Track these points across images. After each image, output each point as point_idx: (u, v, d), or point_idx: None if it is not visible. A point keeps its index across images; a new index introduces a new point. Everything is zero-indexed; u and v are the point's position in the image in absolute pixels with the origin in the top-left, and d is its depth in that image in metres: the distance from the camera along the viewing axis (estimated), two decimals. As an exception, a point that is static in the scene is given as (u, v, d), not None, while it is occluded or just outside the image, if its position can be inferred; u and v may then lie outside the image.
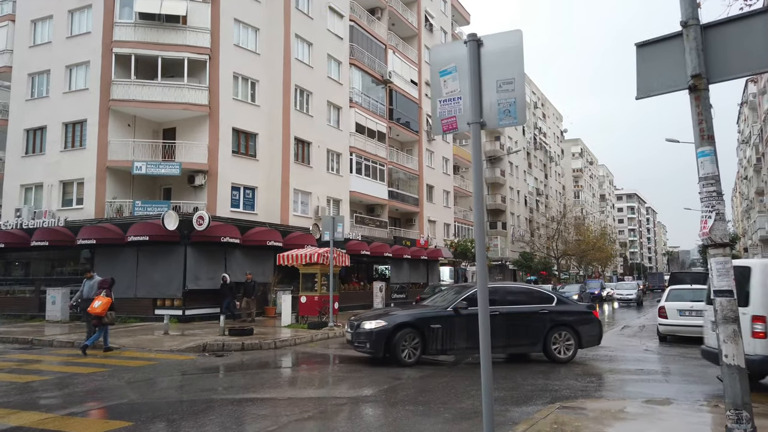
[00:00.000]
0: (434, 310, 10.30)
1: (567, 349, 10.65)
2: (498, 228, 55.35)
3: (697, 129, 4.30)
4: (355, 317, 10.71)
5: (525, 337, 10.51)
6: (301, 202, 27.50)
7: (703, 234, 4.16)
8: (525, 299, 10.86)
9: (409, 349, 9.82)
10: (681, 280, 23.35)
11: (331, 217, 15.30)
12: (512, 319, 10.35)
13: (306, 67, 28.23)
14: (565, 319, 10.75)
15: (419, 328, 9.85)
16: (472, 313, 9.56)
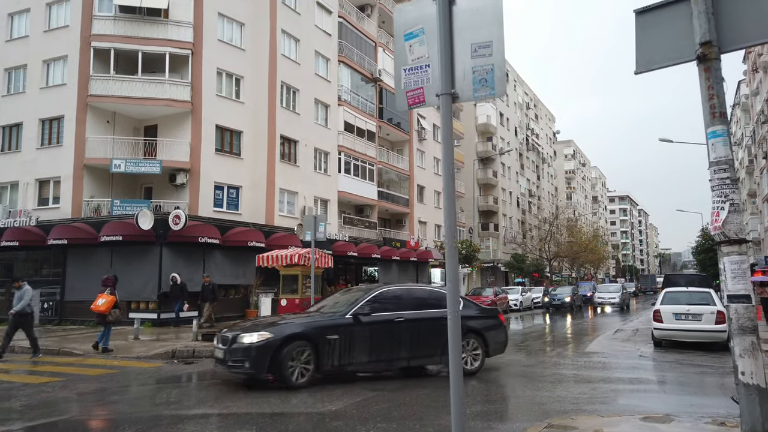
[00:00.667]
0: (332, 317, 8.63)
1: (474, 359, 9.44)
2: (490, 229, 54.78)
3: (707, 105, 3.66)
4: (229, 328, 8.73)
5: (432, 347, 9.01)
6: (288, 202, 26.79)
7: (715, 228, 3.52)
8: (431, 303, 9.42)
9: (299, 368, 7.99)
10: (675, 282, 22.92)
11: (313, 216, 14.62)
12: (419, 326, 9.02)
13: (293, 64, 27.54)
14: (472, 325, 9.46)
15: (313, 340, 8.09)
16: (377, 320, 8.64)
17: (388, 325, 8.72)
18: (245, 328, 8.33)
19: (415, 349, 8.96)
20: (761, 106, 47.76)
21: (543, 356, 12.22)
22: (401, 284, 10.76)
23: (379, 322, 8.64)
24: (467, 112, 53.57)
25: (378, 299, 8.94)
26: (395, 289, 9.62)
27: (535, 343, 15.34)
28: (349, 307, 8.72)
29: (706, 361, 11.25)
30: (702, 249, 45.97)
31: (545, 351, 13.36)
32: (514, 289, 35.60)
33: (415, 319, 8.99)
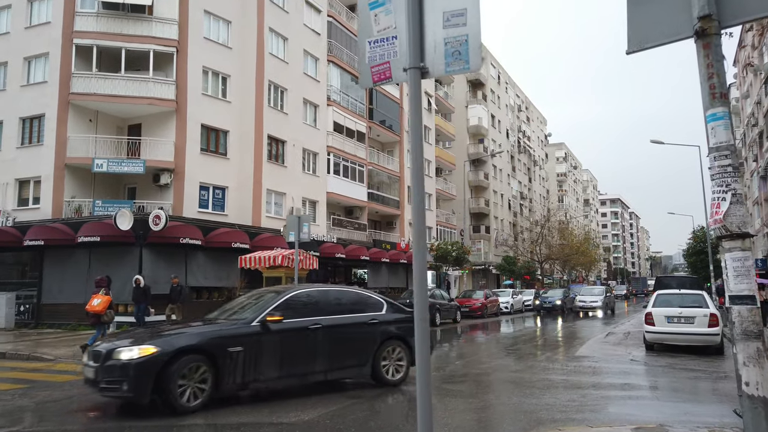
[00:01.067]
0: (235, 325, 7.31)
1: (397, 369, 8.50)
2: (481, 232, 54.51)
3: (706, 86, 3.31)
4: (105, 340, 7.47)
5: (353, 357, 8.12)
6: (275, 203, 26.34)
7: (715, 222, 3.16)
8: (352, 307, 8.46)
9: (192, 388, 6.54)
10: (667, 284, 22.68)
11: (296, 216, 14.21)
12: (338, 334, 7.95)
13: (281, 63, 27.12)
14: (395, 330, 8.53)
15: (211, 354, 6.73)
16: (289, 327, 7.50)
17: (302, 334, 7.63)
18: (124, 340, 6.85)
19: (334, 360, 7.92)
20: (751, 108, 47.84)
21: (532, 360, 11.86)
22: (318, 285, 9.44)
23: (292, 331, 7.55)
24: (459, 113, 53.33)
25: (291, 303, 7.79)
26: (311, 291, 8.49)
27: (525, 347, 14.99)
28: (256, 312, 7.48)
29: (699, 365, 10.93)
30: (693, 251, 45.89)
31: (535, 355, 13.01)
32: (505, 292, 35.29)
33: (334, 326, 7.95)
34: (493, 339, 17.42)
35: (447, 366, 11.12)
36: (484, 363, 11.31)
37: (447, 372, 10.25)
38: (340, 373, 8.15)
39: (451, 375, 9.92)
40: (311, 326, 7.72)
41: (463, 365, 11.15)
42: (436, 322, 21.76)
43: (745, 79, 51.06)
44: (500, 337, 18.05)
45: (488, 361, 11.59)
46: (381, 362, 8.30)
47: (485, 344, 15.70)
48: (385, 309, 8.69)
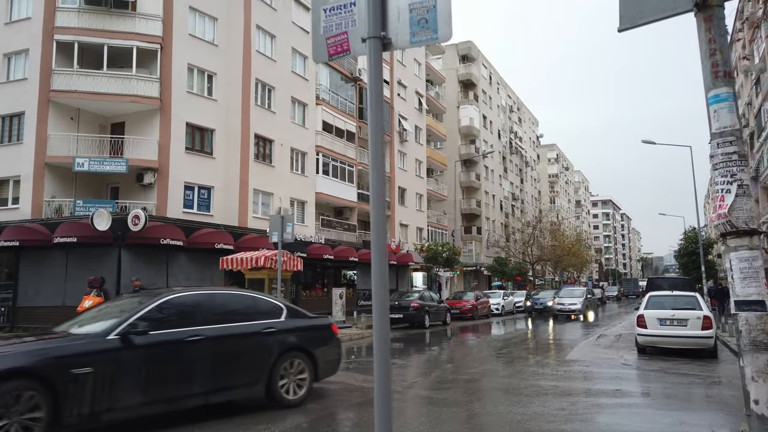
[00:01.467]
0: (85, 339, 5.88)
1: (299, 385, 7.32)
2: (473, 233, 54.23)
3: (707, 63, 2.94)
4: None
5: (242, 374, 6.83)
6: (262, 203, 25.87)
7: (719, 216, 2.79)
8: (243, 314, 7.17)
9: (16, 425, 5.04)
10: (659, 286, 22.40)
11: (280, 216, 13.79)
12: (224, 347, 6.68)
13: (268, 61, 26.67)
14: (295, 340, 7.39)
15: (47, 378, 5.28)
16: (160, 340, 6.20)
17: (176, 348, 6.29)
18: None
19: (218, 379, 6.57)
20: (742, 110, 47.83)
21: (522, 365, 11.49)
22: (202, 288, 7.78)
23: (164, 344, 6.23)
24: (450, 114, 53.05)
25: (164, 311, 6.44)
26: (191, 295, 6.99)
27: (515, 350, 14.62)
28: (115, 323, 6.02)
29: (692, 369, 10.60)
30: (685, 252, 45.80)
31: (525, 359, 12.64)
32: (496, 293, 34.96)
33: (219, 337, 6.63)
34: (483, 342, 17.05)
35: (434, 371, 10.73)
36: (472, 368, 10.93)
37: (433, 378, 9.85)
38: (227, 394, 6.75)
39: (437, 381, 9.53)
40: (189, 338, 6.40)
41: (451, 370, 10.76)
42: (425, 324, 21.38)
43: (736, 79, 51.09)
44: (490, 340, 17.68)
45: (476, 366, 11.21)
46: (278, 379, 7.09)
47: (475, 347, 15.32)
48: (284, 315, 7.48)
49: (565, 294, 31.81)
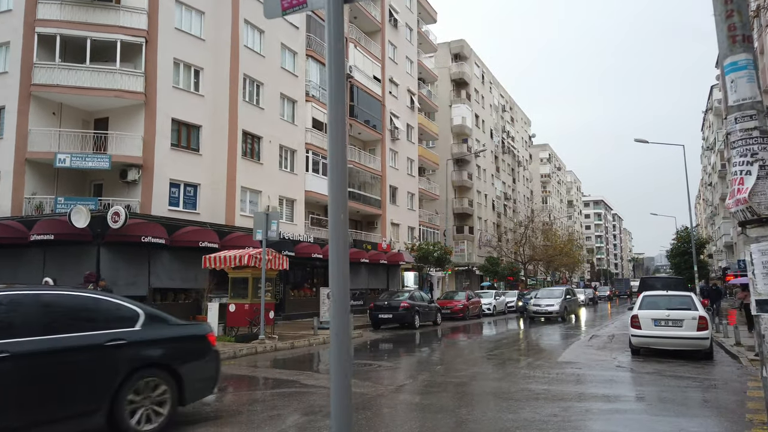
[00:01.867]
0: None
1: (156, 412, 5.86)
2: (465, 232, 53.90)
3: (723, 27, 2.56)
4: None
5: (73, 401, 5.25)
6: (250, 201, 25.38)
7: (738, 202, 2.40)
8: (80, 320, 5.59)
9: None
10: (651, 285, 22.15)
11: (264, 213, 13.35)
12: (46, 366, 5.11)
13: (257, 56, 26.19)
14: (156, 355, 5.99)
15: None
16: None
17: None
18: None
19: (33, 411, 4.95)
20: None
21: (513, 367, 11.12)
22: (18, 287, 5.73)
23: None
24: (443, 113, 52.74)
25: None
26: (4, 296, 5.29)
27: (507, 352, 14.26)
28: None
29: (688, 371, 10.27)
30: (677, 252, 45.68)
31: (516, 361, 12.27)
32: (488, 293, 34.63)
33: (38, 354, 5.05)
34: (473, 343, 16.68)
35: (422, 374, 10.33)
36: (462, 370, 10.55)
37: (421, 381, 9.45)
38: (50, 429, 5.11)
39: (425, 385, 9.12)
40: None
41: (440, 373, 10.37)
42: (415, 324, 20.98)
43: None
44: (481, 341, 17.32)
45: (466, 368, 10.82)
46: (125, 405, 5.56)
47: (465, 349, 14.95)
48: (140, 323, 5.98)
49: (543, 294, 29.02)
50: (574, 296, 30.39)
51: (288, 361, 11.99)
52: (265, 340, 13.29)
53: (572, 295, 29.96)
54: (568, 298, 28.47)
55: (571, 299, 29.20)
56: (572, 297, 29.82)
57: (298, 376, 9.80)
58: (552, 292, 29.23)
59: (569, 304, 28.28)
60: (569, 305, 28.20)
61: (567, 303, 27.62)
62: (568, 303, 28.11)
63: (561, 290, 29.32)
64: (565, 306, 26.93)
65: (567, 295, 28.40)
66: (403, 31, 42.20)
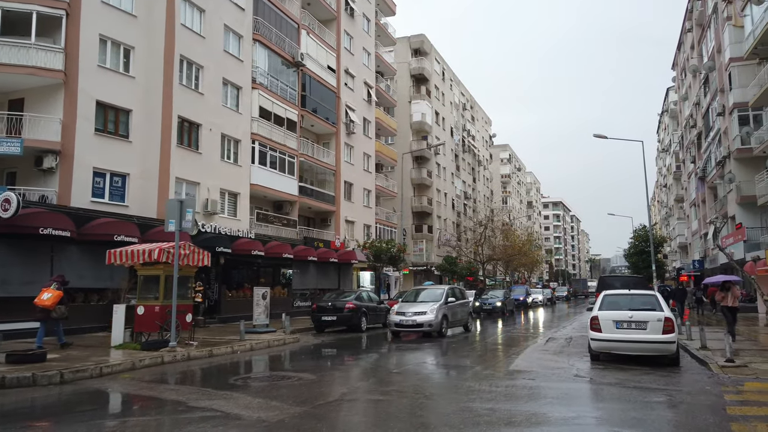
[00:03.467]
0: None
1: None
2: (424, 231, 52.70)
3: None
4: None
5: None
6: (186, 193, 23.33)
7: None
8: None
9: None
10: (611, 285, 21.13)
11: (177, 200, 11.56)
12: None
13: (196, 37, 24.18)
14: None
15: None
16: None
17: None
18: None
19: None
20: (690, 110, 48.09)
21: (457, 377, 9.67)
22: None
23: None
24: (402, 109, 51.46)
25: None
26: None
27: (454, 358, 12.83)
28: None
29: (655, 381, 9.04)
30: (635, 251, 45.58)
31: (462, 369, 10.83)
32: (444, 293, 33.23)
33: None
34: (421, 347, 15.22)
35: (346, 388, 8.74)
36: (396, 383, 9.03)
37: (337, 400, 7.76)
38: None
39: (342, 405, 7.48)
40: None
41: (367, 388, 8.79)
42: (361, 327, 19.40)
43: (684, 81, 51.42)
44: (430, 345, 15.86)
45: (402, 380, 9.32)
46: None
47: (410, 354, 13.44)
48: None
49: (412, 298, 19.12)
50: (463, 299, 20.23)
51: (196, 374, 10.20)
52: (177, 347, 11.47)
53: (460, 299, 19.83)
54: (452, 302, 18.46)
55: (458, 304, 19.13)
56: (460, 300, 19.58)
57: (195, 395, 7.98)
58: (432, 293, 19.11)
59: (454, 312, 18.60)
60: (455, 314, 18.63)
61: (450, 311, 18.13)
62: (453, 311, 18.46)
63: (439, 293, 18.84)
64: (444, 314, 17.58)
65: (450, 298, 18.51)
66: (360, 22, 40.63)
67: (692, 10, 43.37)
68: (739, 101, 30.39)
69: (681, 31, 49.86)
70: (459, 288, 22.36)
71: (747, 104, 29.22)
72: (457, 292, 20.74)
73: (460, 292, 21.20)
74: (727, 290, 14.72)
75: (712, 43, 36.01)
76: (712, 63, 35.98)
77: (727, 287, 14.81)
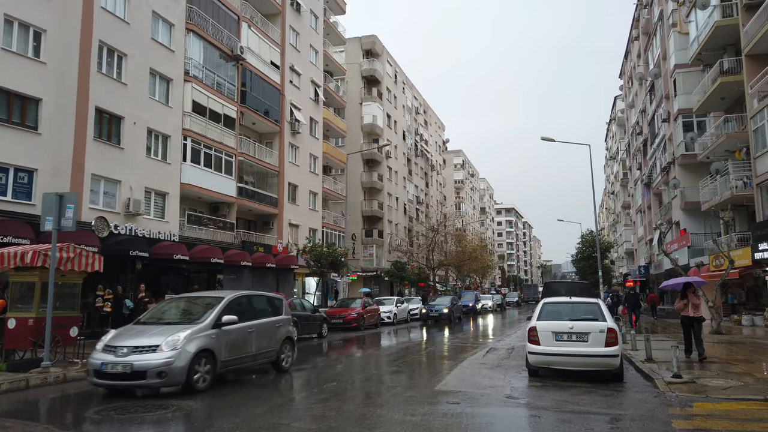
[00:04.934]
0: None
1: None
2: (374, 236, 51.45)
3: None
4: None
5: None
6: (105, 192, 21.33)
7: None
8: None
9: None
10: (556, 291, 20.16)
11: (55, 195, 9.86)
12: None
13: (119, 22, 22.23)
14: None
15: None
16: None
17: None
18: None
19: None
20: (636, 117, 48.69)
21: (370, 404, 8.30)
22: None
23: None
24: (353, 111, 50.19)
25: None
26: None
27: (376, 375, 11.42)
28: None
29: (596, 403, 7.97)
30: (582, 257, 45.63)
31: (378, 393, 9.44)
32: (390, 300, 32.13)
33: None
34: (344, 363, 13.81)
35: (227, 420, 7.25)
36: (288, 415, 7.53)
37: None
38: None
39: None
40: None
41: (248, 421, 7.14)
42: (291, 338, 17.82)
43: (631, 89, 52.13)
44: (356, 360, 14.47)
45: (301, 410, 7.85)
46: None
47: (329, 372, 11.89)
48: None
49: (159, 316, 10.05)
50: (270, 315, 11.25)
51: (56, 403, 8.40)
52: (51, 368, 9.71)
53: (261, 314, 10.92)
54: (234, 325, 9.70)
55: (251, 327, 10.29)
56: (259, 320, 10.57)
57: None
58: (187, 308, 10.44)
59: (242, 341, 9.99)
60: (243, 344, 10.00)
61: (225, 341, 9.48)
62: (235, 340, 9.78)
63: (212, 302, 9.95)
64: (204, 350, 8.92)
65: (229, 316, 9.62)
66: (307, 18, 39.16)
67: (639, 18, 43.85)
68: (684, 107, 30.47)
69: (628, 39, 50.54)
70: (267, 296, 12.02)
71: (691, 110, 29.28)
72: (260, 303, 11.34)
73: (268, 304, 11.51)
74: (686, 298, 12.43)
75: (658, 50, 36.26)
76: (658, 70, 36.22)
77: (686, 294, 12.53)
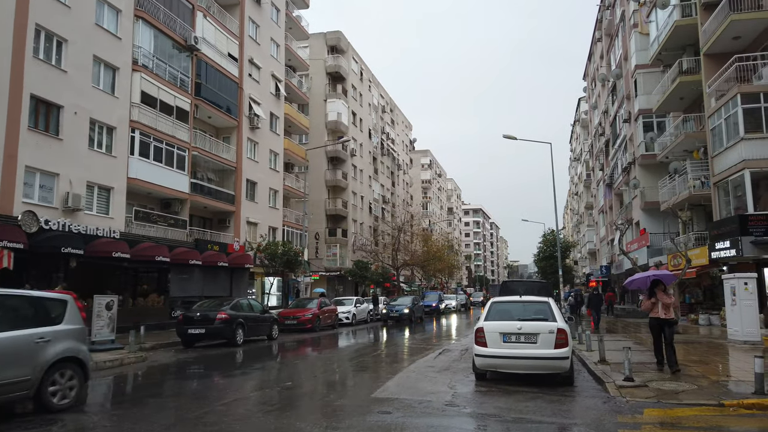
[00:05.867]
0: None
1: None
2: (338, 235, 50.60)
3: None
4: None
5: None
6: (41, 185, 19.98)
7: None
8: None
9: None
10: (513, 290, 19.75)
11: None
12: None
13: (58, 5, 20.89)
14: None
15: None
16: None
17: None
18: None
19: None
20: (599, 118, 49.07)
21: (291, 414, 7.52)
22: None
23: None
24: (317, 108, 49.26)
25: None
26: None
27: (313, 380, 10.68)
28: None
29: (541, 410, 7.38)
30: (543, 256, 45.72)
31: (310, 400, 8.69)
32: (349, 300, 31.34)
33: None
34: (289, 365, 13.02)
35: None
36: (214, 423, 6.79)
37: None
38: None
39: None
40: None
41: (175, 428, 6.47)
42: (237, 340, 16.93)
43: (594, 91, 52.56)
44: (295, 364, 13.54)
45: (219, 424, 7.06)
46: None
47: (266, 378, 11.05)
48: None
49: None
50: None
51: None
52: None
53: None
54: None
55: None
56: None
57: None
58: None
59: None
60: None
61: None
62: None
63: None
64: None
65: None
66: (268, 10, 38.05)
67: (602, 19, 44.14)
68: (644, 108, 30.58)
69: (591, 41, 50.93)
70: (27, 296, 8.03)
71: (651, 111, 29.38)
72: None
73: (30, 308, 7.85)
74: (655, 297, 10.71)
75: (620, 51, 36.43)
76: (620, 71, 36.39)
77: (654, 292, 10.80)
